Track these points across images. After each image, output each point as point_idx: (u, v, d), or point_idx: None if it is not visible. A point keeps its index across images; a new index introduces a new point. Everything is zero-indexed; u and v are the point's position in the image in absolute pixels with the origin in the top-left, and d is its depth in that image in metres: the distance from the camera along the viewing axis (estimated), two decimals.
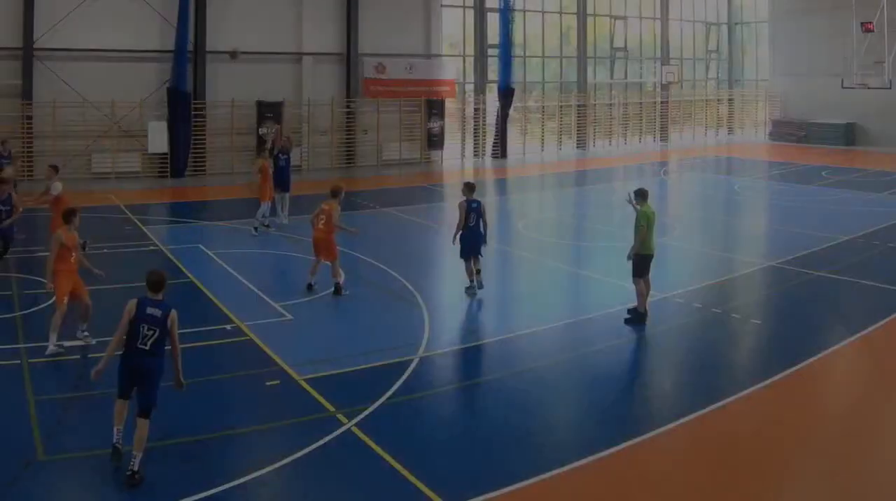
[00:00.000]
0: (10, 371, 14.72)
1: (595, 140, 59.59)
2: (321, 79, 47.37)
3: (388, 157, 49.20)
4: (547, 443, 12.47)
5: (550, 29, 57.97)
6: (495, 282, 21.55)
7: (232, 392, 14.39)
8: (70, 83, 39.93)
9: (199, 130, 43.47)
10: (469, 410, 13.99)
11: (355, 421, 12.72)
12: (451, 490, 10.69)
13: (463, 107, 53.97)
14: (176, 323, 11.49)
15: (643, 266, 17.99)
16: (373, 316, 18.92)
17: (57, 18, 39.63)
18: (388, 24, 49.07)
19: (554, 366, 15.68)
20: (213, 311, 18.47)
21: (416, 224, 31.55)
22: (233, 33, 43.94)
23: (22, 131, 39.18)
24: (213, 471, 11.20)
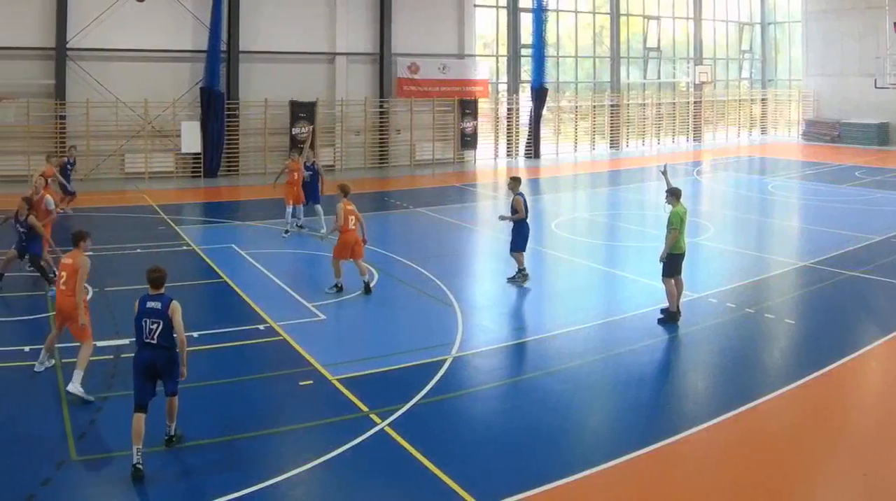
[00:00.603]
0: (44, 371, 14.48)
1: (628, 140, 58.40)
2: (354, 79, 46.58)
3: (421, 157, 48.39)
4: (580, 444, 12.34)
5: (583, 29, 56.80)
6: (529, 282, 21.10)
7: (265, 392, 14.14)
8: (103, 83, 39.32)
9: (232, 130, 42.76)
10: (502, 410, 13.59)
11: (388, 421, 12.55)
12: (484, 491, 10.52)
13: (496, 107, 52.91)
14: (178, 312, 11.56)
15: (674, 265, 17.64)
16: (406, 316, 18.66)
17: (90, 19, 39.03)
18: (422, 25, 48.16)
19: (587, 366, 15.39)
20: (246, 311, 18.18)
21: (449, 223, 30.78)
22: (266, 33, 43.29)
23: (55, 131, 38.62)
24: (247, 471, 11.05)
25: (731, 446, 12.30)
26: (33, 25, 38.18)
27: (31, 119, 37.99)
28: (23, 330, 17.20)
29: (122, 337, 15.66)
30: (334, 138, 45.59)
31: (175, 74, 41.43)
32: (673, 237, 17.39)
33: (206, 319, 17.49)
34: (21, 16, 37.88)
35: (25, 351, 15.39)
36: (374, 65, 47.29)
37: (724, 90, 65.03)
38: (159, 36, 40.75)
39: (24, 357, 15.14)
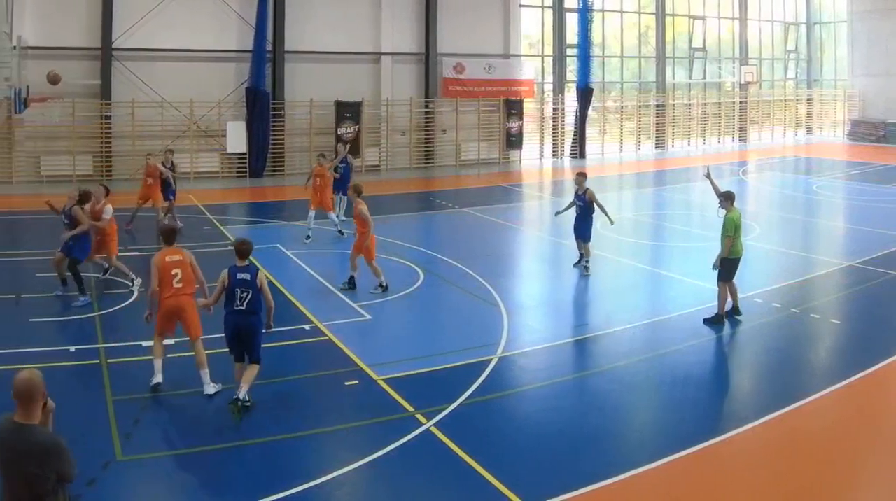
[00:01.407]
0: (90, 371, 14.36)
1: (673, 140, 56.65)
2: (400, 79, 45.34)
3: (466, 157, 47.10)
4: (625, 444, 12.05)
5: (629, 29, 55.27)
6: (574, 282, 21.29)
7: (311, 392, 13.97)
8: (148, 83, 38.39)
9: (278, 130, 41.74)
10: (547, 410, 13.20)
11: (434, 421, 12.30)
12: (530, 491, 10.27)
13: (541, 107, 51.48)
14: (265, 282, 12.80)
15: (730, 269, 17.17)
16: (451, 316, 18.39)
17: (135, 19, 38.13)
18: (467, 25, 46.82)
19: (632, 366, 15.02)
20: (291, 311, 17.72)
21: (494, 224, 29.81)
22: (311, 33, 42.16)
23: (100, 131, 37.80)
24: (293, 471, 10.85)
25: (776, 446, 11.97)
26: (79, 25, 37.38)
27: (77, 119, 37.17)
28: (69, 330, 16.82)
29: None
30: (380, 138, 44.52)
31: (220, 74, 40.47)
32: (728, 243, 16.93)
33: None
34: (67, 16, 37.09)
35: (71, 351, 15.13)
36: (419, 65, 46.07)
37: (770, 90, 63.07)
38: (205, 36, 39.79)
39: (70, 357, 14.90)
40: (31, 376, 6.83)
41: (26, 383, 6.77)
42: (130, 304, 18.16)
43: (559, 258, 23.71)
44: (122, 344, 15.41)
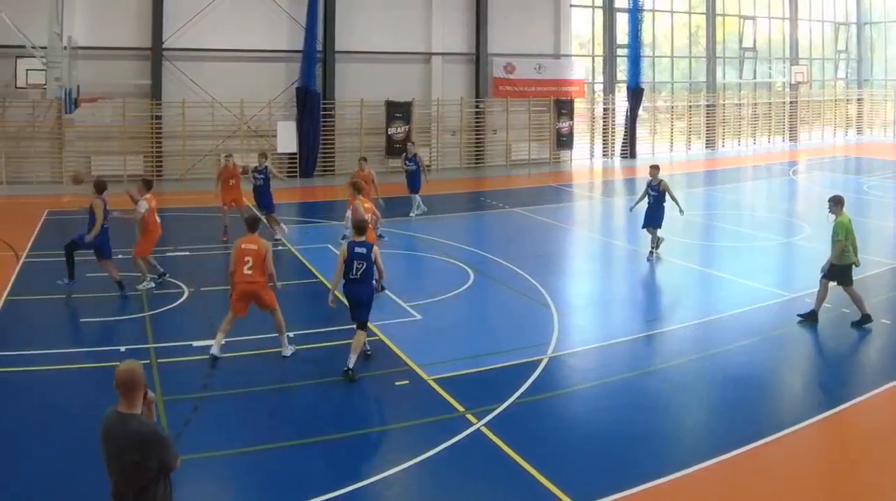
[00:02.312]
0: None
1: (724, 140, 54.41)
2: (450, 79, 43.62)
3: (516, 157, 45.31)
4: (675, 444, 11.65)
5: (679, 29, 53.16)
6: (624, 282, 21.10)
7: (362, 392, 13.51)
8: (198, 83, 37.05)
9: (328, 130, 40.24)
10: (597, 410, 12.85)
11: (484, 421, 11.94)
12: (580, 491, 9.98)
13: (592, 107, 49.48)
14: (378, 255, 13.97)
15: (844, 274, 16.47)
16: (502, 316, 17.84)
17: (185, 19, 36.91)
18: (517, 25, 44.96)
19: (683, 366, 14.55)
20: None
21: (545, 224, 28.76)
22: (362, 33, 40.62)
23: (151, 131, 36.54)
24: (343, 471, 10.62)
25: (828, 446, 11.82)
26: (130, 26, 36.20)
27: (127, 119, 35.95)
28: (119, 330, 16.40)
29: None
30: (430, 138, 42.87)
31: (271, 74, 39.10)
32: (839, 247, 16.25)
33: (302, 319, 16.89)
34: (118, 16, 35.96)
35: (121, 351, 14.57)
36: (469, 65, 44.32)
37: (820, 90, 60.45)
38: (255, 36, 38.49)
39: (121, 357, 13.43)
40: (132, 367, 6.78)
41: (127, 373, 6.71)
42: (180, 305, 17.68)
43: (610, 258, 23.24)
44: (172, 344, 15.08)
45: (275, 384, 13.43)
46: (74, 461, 10.50)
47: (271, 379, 13.63)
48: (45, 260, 20.98)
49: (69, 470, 10.39)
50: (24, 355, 14.53)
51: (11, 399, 12.92)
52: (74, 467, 10.38)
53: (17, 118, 34.54)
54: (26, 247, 23.05)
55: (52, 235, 25.09)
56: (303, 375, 14.02)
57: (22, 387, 13.42)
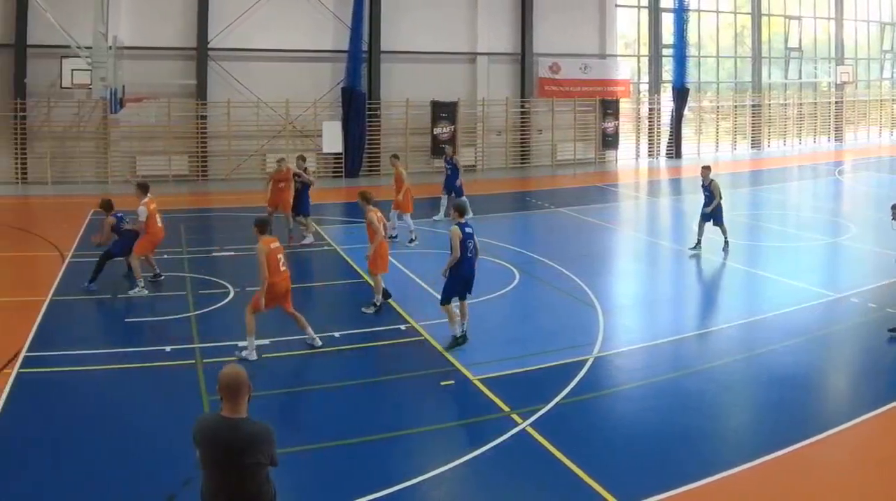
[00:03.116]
0: (185, 371, 13.56)
1: (769, 140, 52.12)
2: (496, 79, 41.80)
3: (562, 157, 43.42)
4: (721, 444, 11.28)
5: (725, 29, 50.84)
6: (670, 282, 20.48)
7: (407, 392, 13.15)
8: (244, 83, 35.68)
9: (374, 130, 38.65)
10: (643, 410, 12.38)
11: (530, 421, 11.55)
12: (626, 491, 9.63)
13: (637, 106, 47.47)
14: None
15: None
16: (547, 316, 17.10)
17: (230, 19, 35.56)
18: (563, 24, 42.97)
19: (728, 366, 14.08)
20: (387, 311, 16.86)
21: (590, 224, 27.69)
22: (407, 33, 39.02)
23: (196, 131, 35.23)
24: (389, 470, 10.28)
25: (874, 447, 11.20)
26: (175, 25, 34.96)
27: (172, 119, 34.70)
28: (164, 330, 15.82)
29: (263, 337, 14.46)
30: (475, 138, 41.19)
31: (316, 74, 37.61)
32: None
33: (347, 319, 16.47)
34: (163, 16, 34.75)
35: (167, 351, 14.30)
36: (515, 65, 42.45)
37: (866, 90, 57.71)
38: (300, 36, 37.03)
39: (166, 357, 14.08)
40: (238, 371, 6.53)
41: (234, 378, 6.46)
42: (226, 305, 17.21)
43: (655, 258, 22.53)
44: (217, 344, 14.63)
45: (319, 384, 13.15)
46: (121, 460, 10.32)
47: (316, 378, 13.39)
48: (91, 261, 20.02)
49: (116, 470, 10.12)
50: (69, 355, 14.09)
51: (58, 399, 12.45)
52: (122, 466, 10.18)
53: (63, 118, 33.64)
54: (71, 246, 22.30)
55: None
56: (348, 375, 13.63)
57: (68, 387, 12.91)
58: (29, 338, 14.75)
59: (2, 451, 10.57)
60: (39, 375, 13.24)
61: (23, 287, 19.15)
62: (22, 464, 10.21)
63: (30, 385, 12.79)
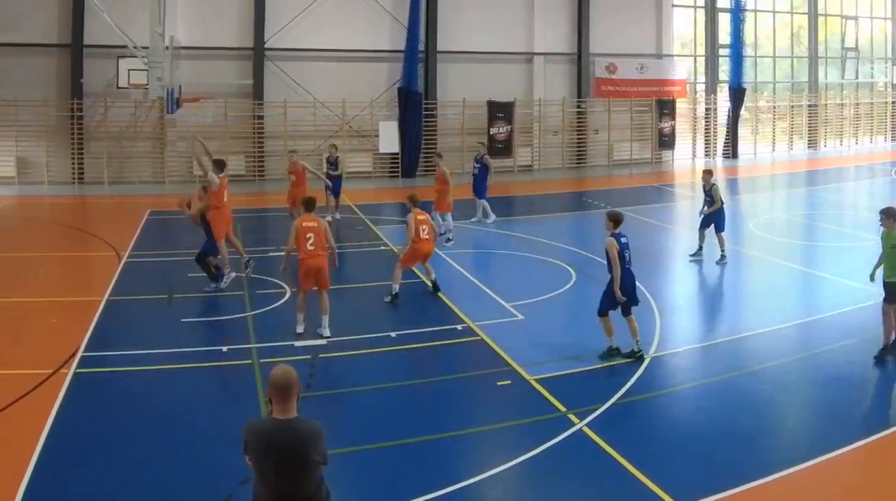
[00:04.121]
0: (242, 371, 13.03)
1: (826, 140, 49.20)
2: (552, 79, 39.45)
3: (618, 157, 40.95)
4: (777, 444, 10.52)
5: (781, 29, 47.96)
6: (726, 282, 19.41)
7: (464, 392, 12.61)
8: (300, 83, 33.84)
9: (430, 130, 36.58)
10: (699, 410, 11.82)
11: (586, 421, 10.91)
12: (682, 491, 9.03)
13: (694, 106, 44.84)
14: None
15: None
16: None
17: (287, 19, 33.77)
18: (619, 24, 40.56)
19: (784, 366, 13.39)
20: (444, 311, 16.13)
21: (646, 224, 26.00)
22: (463, 33, 36.87)
23: (253, 131, 33.49)
24: (446, 471, 9.70)
25: None
26: (231, 26, 33.36)
27: (229, 119, 33.02)
28: (221, 329, 15.30)
29: (318, 337, 14.11)
30: (532, 138, 38.86)
31: (372, 74, 35.67)
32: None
33: (404, 319, 15.77)
34: (219, 16, 33.18)
35: (223, 351, 13.77)
36: (571, 65, 40.03)
37: None
38: (356, 36, 35.10)
39: (222, 357, 13.55)
40: (288, 372, 6.12)
41: (285, 379, 6.06)
42: (282, 305, 16.34)
43: (711, 258, 20.71)
44: (273, 343, 13.99)
45: (376, 384, 12.42)
46: (178, 460, 9.88)
47: (372, 378, 12.64)
48: (147, 261, 20.02)
49: (173, 470, 9.66)
50: (126, 355, 13.49)
51: (115, 398, 11.88)
52: (178, 466, 9.74)
53: (120, 118, 32.26)
54: (128, 247, 21.44)
55: (153, 235, 23.62)
56: (404, 375, 13.13)
57: (124, 387, 12.36)
58: (86, 338, 14.10)
59: (59, 451, 10.00)
60: (96, 375, 12.66)
61: (80, 287, 18.49)
62: (79, 464, 9.73)
63: (87, 384, 12.21)
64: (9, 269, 19.27)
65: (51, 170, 31.96)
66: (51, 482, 9.24)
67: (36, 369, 12.51)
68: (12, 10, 30.72)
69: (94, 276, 19.10)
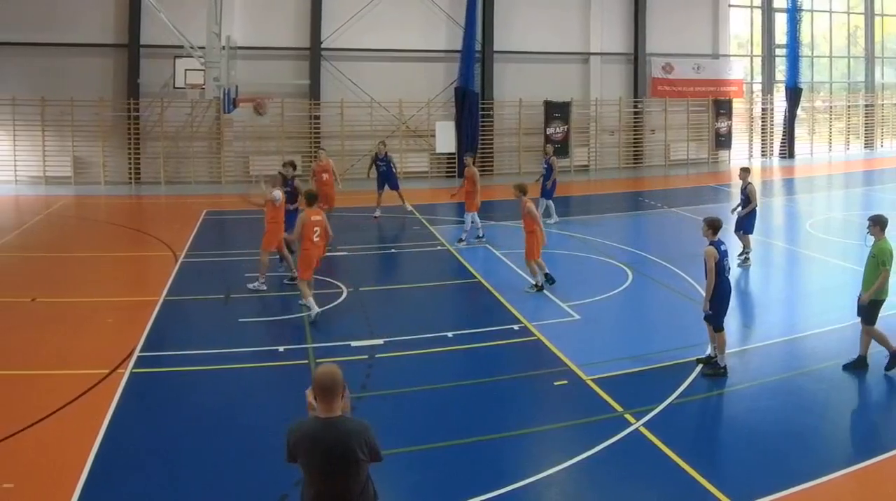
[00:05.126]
0: (298, 371, 12.17)
1: (882, 140, 46.14)
2: (608, 78, 37.06)
3: (675, 157, 38.47)
4: (834, 444, 9.99)
5: (838, 29, 45.03)
6: (782, 282, 18.71)
7: (520, 392, 11.67)
8: (357, 83, 31.89)
9: (487, 130, 34.34)
10: (756, 410, 10.83)
11: (643, 422, 10.29)
12: (739, 491, 8.60)
13: (750, 107, 42.10)
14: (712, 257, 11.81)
15: (875, 312, 12.62)
16: (660, 316, 15.56)
17: (343, 19, 31.88)
18: (676, 24, 38.06)
19: (840, 366, 12.13)
20: (500, 311, 15.38)
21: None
22: (520, 33, 34.72)
23: (309, 131, 31.59)
24: (502, 470, 9.25)
25: None
26: (288, 26, 31.55)
27: (286, 119, 31.22)
28: (277, 330, 14.56)
29: (376, 337, 13.59)
30: (588, 138, 36.50)
31: (429, 74, 33.61)
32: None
33: (461, 319, 15.30)
34: (275, 16, 31.41)
35: (280, 351, 13.20)
36: (628, 65, 37.60)
37: None
38: (413, 36, 33.10)
39: (279, 357, 12.95)
40: (334, 371, 5.80)
41: (331, 378, 5.75)
42: (339, 304, 15.68)
43: (768, 258, 20.20)
44: (330, 344, 13.49)
45: (432, 383, 11.83)
46: (233, 460, 9.44)
47: (429, 378, 12.02)
48: (203, 261, 19.21)
49: (228, 469, 9.24)
50: (182, 355, 12.93)
51: (171, 398, 11.37)
52: (234, 466, 9.30)
53: (176, 118, 30.69)
54: (185, 247, 20.52)
55: (210, 235, 22.68)
56: (461, 375, 12.43)
57: (181, 387, 11.81)
58: (142, 338, 13.59)
59: (115, 450, 9.57)
60: (153, 375, 12.15)
61: (136, 287, 17.89)
62: (135, 464, 9.33)
63: (143, 384, 11.74)
64: (66, 269, 18.52)
65: (107, 170, 30.42)
66: (107, 480, 8.83)
67: (93, 369, 11.99)
68: (69, 10, 29.35)
69: (151, 276, 18.25)
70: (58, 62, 29.52)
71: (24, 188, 29.77)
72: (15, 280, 17.70)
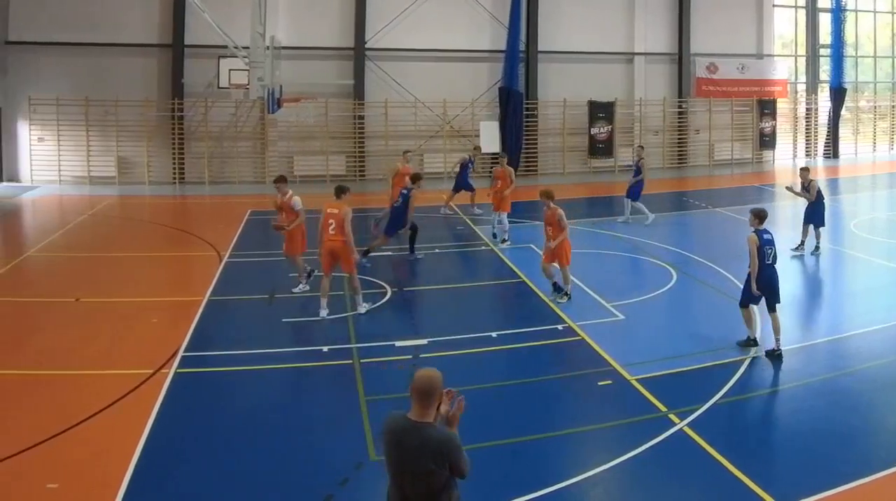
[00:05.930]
0: (343, 371, 11.73)
1: None
2: (653, 78, 35.33)
3: (719, 157, 36.64)
4: (879, 443, 9.53)
5: (882, 28, 42.76)
6: (827, 282, 18.07)
7: (565, 392, 11.29)
8: (401, 83, 30.49)
9: (531, 130, 32.75)
10: (800, 410, 10.48)
11: (687, 421, 9.90)
12: (783, 490, 8.27)
13: (794, 106, 40.09)
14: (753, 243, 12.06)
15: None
16: (704, 316, 14.85)
17: (387, 19, 30.53)
18: (720, 24, 36.27)
19: (885, 367, 11.80)
20: (545, 311, 14.73)
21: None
22: (564, 33, 33.14)
23: (354, 131, 30.18)
24: (547, 470, 8.94)
25: None
26: (332, 26, 30.29)
27: (330, 119, 29.81)
28: (321, 330, 13.84)
29: (420, 337, 12.91)
30: (633, 138, 34.71)
31: (473, 74, 32.09)
32: None
33: (505, 319, 14.69)
34: (319, 17, 30.17)
35: (324, 351, 12.54)
36: (672, 65, 35.76)
37: None
38: (457, 36, 31.61)
39: (323, 357, 12.29)
40: (432, 374, 5.54)
41: (427, 381, 5.50)
42: (383, 305, 15.10)
43: (812, 258, 19.28)
44: (374, 344, 12.93)
45: (477, 383, 11.10)
46: (278, 460, 8.96)
47: (473, 378, 11.31)
48: (248, 261, 18.63)
49: (273, 469, 8.77)
50: (226, 355, 12.53)
51: (215, 398, 11.01)
52: (278, 466, 8.85)
53: (220, 118, 29.49)
54: (229, 247, 19.87)
55: (254, 235, 21.66)
56: (506, 375, 11.95)
57: (225, 386, 11.49)
58: (187, 338, 13.18)
59: (160, 449, 9.29)
60: (197, 374, 11.79)
61: (181, 287, 17.39)
62: (179, 463, 9.01)
63: (187, 384, 11.38)
64: (111, 269, 18.09)
65: (151, 170, 29.25)
66: (151, 479, 8.60)
67: (138, 369, 11.69)
68: (113, 11, 28.28)
69: (195, 276, 17.77)
70: (102, 62, 28.48)
71: (69, 188, 28.81)
72: (59, 280, 17.13)
